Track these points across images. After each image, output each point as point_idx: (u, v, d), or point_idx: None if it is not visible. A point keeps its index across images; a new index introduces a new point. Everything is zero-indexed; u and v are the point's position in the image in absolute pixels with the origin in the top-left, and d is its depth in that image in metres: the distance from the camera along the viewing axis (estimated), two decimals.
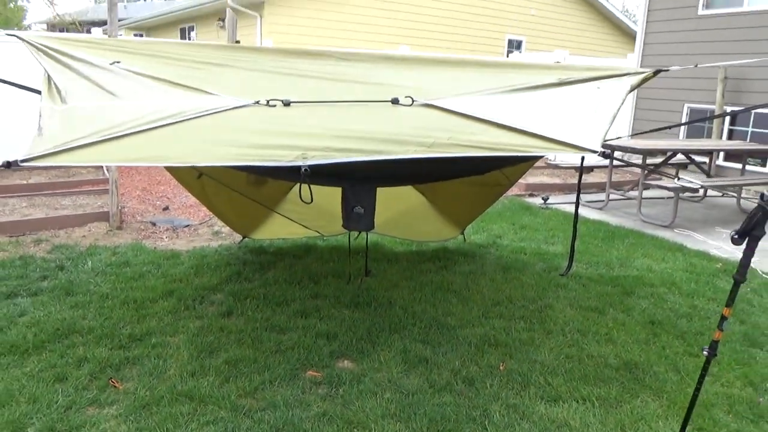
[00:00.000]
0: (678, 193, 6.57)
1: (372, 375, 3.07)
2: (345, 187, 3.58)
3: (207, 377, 2.97)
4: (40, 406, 2.68)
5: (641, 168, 5.84)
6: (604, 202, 7.46)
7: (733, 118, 9.19)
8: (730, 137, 9.19)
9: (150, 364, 3.10)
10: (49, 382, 2.88)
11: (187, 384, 2.90)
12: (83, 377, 2.93)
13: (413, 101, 2.59)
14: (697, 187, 6.41)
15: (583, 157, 2.64)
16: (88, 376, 2.96)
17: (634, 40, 11.79)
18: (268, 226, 5.00)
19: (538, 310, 3.96)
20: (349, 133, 2.36)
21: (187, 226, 5.85)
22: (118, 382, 2.92)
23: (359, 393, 2.89)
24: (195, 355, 3.19)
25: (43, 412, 2.64)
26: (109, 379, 2.93)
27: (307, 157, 2.12)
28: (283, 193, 4.63)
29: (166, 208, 6.53)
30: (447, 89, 2.75)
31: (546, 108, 2.66)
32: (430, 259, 4.98)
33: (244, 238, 5.25)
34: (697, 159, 7.85)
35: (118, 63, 2.78)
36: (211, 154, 2.23)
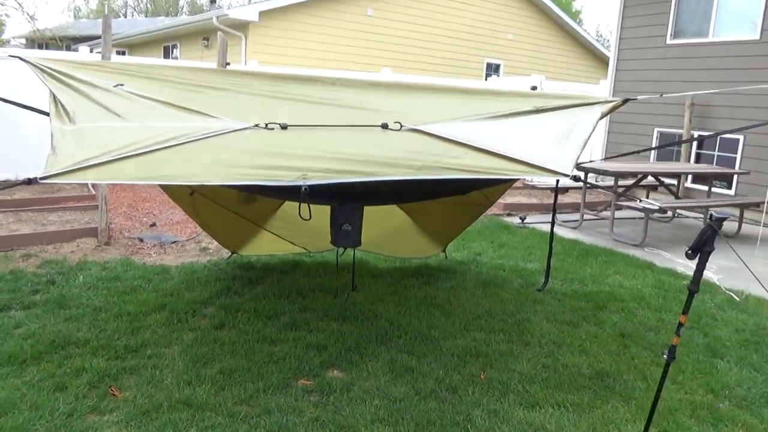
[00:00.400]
0: (648, 214, 6.90)
1: (361, 383, 3.23)
2: (334, 206, 3.77)
3: (203, 386, 3.11)
4: (43, 414, 2.79)
5: (611, 191, 6.14)
6: (579, 221, 7.75)
7: (701, 142, 9.63)
8: (698, 160, 9.63)
9: (147, 373, 3.22)
10: (50, 391, 2.99)
11: (184, 392, 3.03)
12: (82, 386, 3.04)
13: (401, 126, 2.81)
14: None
15: (557, 179, 2.88)
16: (87, 385, 3.07)
17: (607, 65, 12.28)
18: (257, 243, 5.15)
19: (517, 323, 4.18)
20: (345, 156, 2.56)
21: (174, 242, 5.97)
22: (117, 391, 3.03)
23: (349, 400, 3.05)
24: (190, 365, 3.33)
25: (45, 419, 2.75)
26: (109, 388, 3.05)
27: (307, 177, 2.32)
28: (272, 211, 4.81)
29: (153, 225, 6.63)
30: (432, 115, 2.97)
31: (523, 134, 2.89)
32: (414, 275, 5.18)
33: (232, 254, 5.38)
34: (667, 181, 8.23)
35: (122, 86, 2.95)
36: (217, 174, 2.40)
